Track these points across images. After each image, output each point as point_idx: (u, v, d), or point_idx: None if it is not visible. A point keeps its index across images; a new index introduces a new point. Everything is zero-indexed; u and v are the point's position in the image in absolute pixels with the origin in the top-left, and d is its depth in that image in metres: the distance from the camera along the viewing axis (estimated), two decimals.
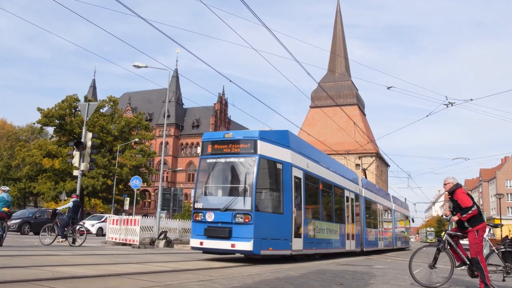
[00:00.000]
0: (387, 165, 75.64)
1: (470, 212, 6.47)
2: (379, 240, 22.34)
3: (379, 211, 23.19)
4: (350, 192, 17.45)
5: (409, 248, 32.28)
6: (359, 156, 45.20)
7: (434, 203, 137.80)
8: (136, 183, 23.89)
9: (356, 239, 17.64)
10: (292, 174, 11.34)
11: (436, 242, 7.01)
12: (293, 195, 11.26)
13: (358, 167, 56.22)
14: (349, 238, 16.55)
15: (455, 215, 6.67)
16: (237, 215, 9.99)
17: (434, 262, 6.75)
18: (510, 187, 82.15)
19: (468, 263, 6.60)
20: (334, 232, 14.92)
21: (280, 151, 11.11)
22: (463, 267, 6.74)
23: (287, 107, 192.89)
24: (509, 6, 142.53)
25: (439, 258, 6.80)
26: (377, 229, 22.15)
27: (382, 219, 23.65)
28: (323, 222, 13.81)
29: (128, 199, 42.17)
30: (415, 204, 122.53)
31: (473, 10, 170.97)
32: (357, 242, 17.73)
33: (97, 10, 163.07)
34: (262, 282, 6.32)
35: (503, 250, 6.78)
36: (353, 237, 17.13)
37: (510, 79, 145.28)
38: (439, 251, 6.74)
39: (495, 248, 6.84)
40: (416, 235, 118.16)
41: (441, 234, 7.01)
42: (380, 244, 22.51)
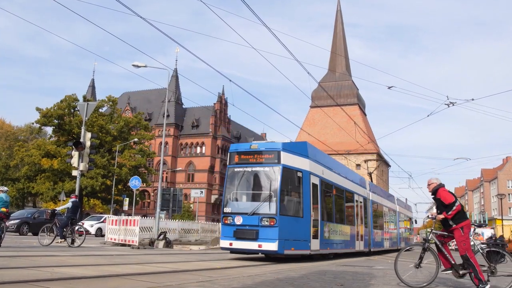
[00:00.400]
0: (388, 165, 75.70)
1: (454, 208, 6.55)
2: (384, 240, 23.37)
3: (385, 213, 24.27)
4: (359, 196, 18.40)
5: (412, 248, 32.56)
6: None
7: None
8: (135, 183, 23.83)
9: (365, 240, 18.52)
10: (310, 181, 12.35)
11: (421, 242, 7.03)
12: (311, 200, 12.25)
13: (358, 167, 56.29)
14: (358, 239, 17.46)
15: (441, 214, 6.71)
16: (263, 219, 11.05)
17: (420, 262, 6.82)
18: None
19: (453, 267, 6.63)
20: (346, 234, 15.83)
21: (300, 160, 12.12)
22: (448, 272, 6.76)
23: (287, 106, 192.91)
24: (510, 6, 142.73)
25: (424, 257, 6.83)
26: (383, 230, 23.20)
27: (387, 220, 24.72)
28: (336, 224, 14.71)
29: (127, 199, 42.18)
30: (416, 204, 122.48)
31: (474, 10, 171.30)
32: (365, 242, 18.61)
33: (96, 9, 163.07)
34: (262, 283, 6.28)
35: (487, 250, 6.76)
36: (361, 238, 18.01)
37: (511, 78, 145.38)
38: (424, 250, 6.78)
39: (479, 247, 6.82)
40: (417, 236, 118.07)
41: (426, 233, 7.02)
42: (385, 244, 23.52)
